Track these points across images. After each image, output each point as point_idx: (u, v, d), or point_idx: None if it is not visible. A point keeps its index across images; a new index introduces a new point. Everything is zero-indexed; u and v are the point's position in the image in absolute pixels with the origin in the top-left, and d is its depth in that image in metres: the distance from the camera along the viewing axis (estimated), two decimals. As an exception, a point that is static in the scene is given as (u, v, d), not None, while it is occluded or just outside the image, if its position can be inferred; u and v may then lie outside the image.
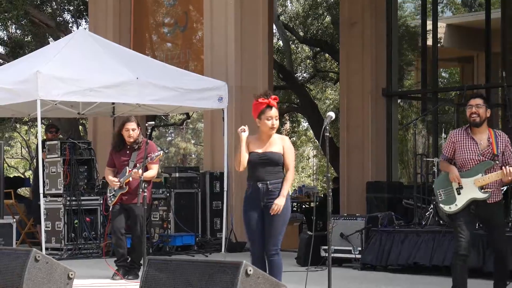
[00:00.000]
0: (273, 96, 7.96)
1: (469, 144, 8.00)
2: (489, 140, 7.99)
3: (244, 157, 7.89)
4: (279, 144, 7.90)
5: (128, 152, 10.18)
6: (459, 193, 7.95)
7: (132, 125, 10.13)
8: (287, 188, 7.87)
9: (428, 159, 13.14)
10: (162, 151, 10.11)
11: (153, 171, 10.03)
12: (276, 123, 7.90)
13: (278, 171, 7.85)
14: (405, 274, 10.73)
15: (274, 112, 7.88)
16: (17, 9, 18.49)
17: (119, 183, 10.08)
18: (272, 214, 7.77)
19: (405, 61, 18.94)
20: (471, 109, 8.00)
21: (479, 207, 7.95)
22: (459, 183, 7.92)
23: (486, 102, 8.03)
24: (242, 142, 7.88)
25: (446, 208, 8.00)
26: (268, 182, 7.83)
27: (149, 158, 9.81)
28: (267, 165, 7.84)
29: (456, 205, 7.92)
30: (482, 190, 7.89)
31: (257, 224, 7.88)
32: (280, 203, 7.77)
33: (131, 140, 10.14)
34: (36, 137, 26.54)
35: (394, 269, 10.98)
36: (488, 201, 7.92)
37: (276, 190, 7.81)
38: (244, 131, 7.87)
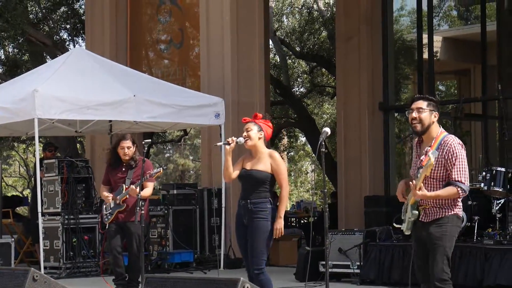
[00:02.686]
0: (257, 114, 8.07)
1: (414, 156, 6.88)
2: (427, 151, 6.61)
3: (227, 168, 7.91)
4: (267, 162, 7.84)
5: (124, 169, 10.17)
6: (406, 211, 6.87)
7: (127, 143, 10.11)
8: (283, 209, 7.81)
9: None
10: (161, 168, 10.08)
11: (149, 189, 9.99)
12: (248, 133, 7.89)
13: (262, 190, 7.79)
14: (405, 287, 10.71)
15: (246, 126, 7.96)
16: (14, 28, 18.54)
17: (112, 198, 10.04)
18: (276, 238, 7.75)
19: (402, 74, 18.98)
20: (412, 113, 6.71)
21: (417, 227, 6.75)
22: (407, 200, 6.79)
23: (433, 105, 6.72)
24: (226, 155, 7.90)
25: (402, 227, 6.91)
26: (249, 200, 7.80)
27: (148, 175, 9.80)
28: (250, 183, 7.83)
29: (404, 225, 6.86)
30: (414, 209, 6.70)
31: (243, 241, 7.88)
32: (279, 226, 7.73)
33: (127, 158, 10.11)
34: (34, 155, 26.54)
35: (394, 282, 10.96)
36: (423, 220, 6.69)
37: (256, 210, 7.75)
38: (229, 144, 7.88)
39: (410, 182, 6.63)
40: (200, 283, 5.99)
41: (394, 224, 7.03)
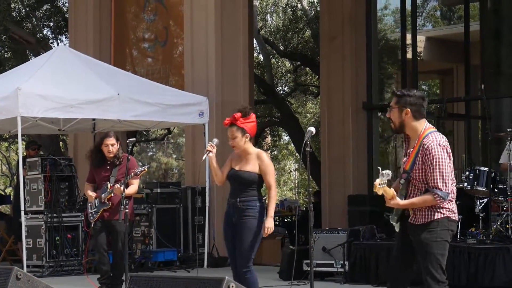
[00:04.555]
0: (236, 114, 7.93)
1: (403, 152, 6.57)
2: (409, 152, 6.40)
3: (217, 174, 7.96)
4: (255, 163, 7.85)
5: (108, 167, 10.13)
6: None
7: (111, 140, 10.08)
8: (273, 208, 7.80)
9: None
10: (146, 166, 10.04)
11: (134, 187, 9.97)
12: (233, 141, 7.85)
13: (250, 189, 7.81)
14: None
15: (230, 131, 7.89)
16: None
17: (96, 197, 10.00)
18: (264, 236, 7.77)
19: (385, 74, 19.02)
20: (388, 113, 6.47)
21: (407, 227, 6.44)
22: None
23: (404, 101, 6.38)
24: (211, 162, 7.93)
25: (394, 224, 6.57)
26: (238, 199, 7.82)
27: (133, 173, 9.77)
28: (239, 183, 7.86)
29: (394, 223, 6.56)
30: (396, 214, 6.44)
31: (231, 240, 7.90)
32: (269, 225, 7.74)
33: (111, 155, 10.08)
34: (16, 153, 26.42)
35: (377, 281, 10.97)
36: (412, 222, 6.37)
37: (245, 208, 7.77)
38: (210, 151, 7.89)
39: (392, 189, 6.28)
40: (185, 282, 5.98)
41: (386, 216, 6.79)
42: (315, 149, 23.18)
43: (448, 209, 6.38)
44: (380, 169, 6.31)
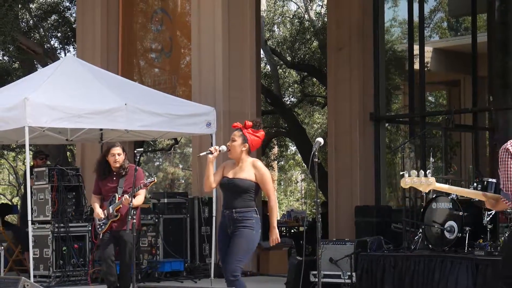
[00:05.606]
0: (247, 122, 7.95)
1: None
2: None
3: (209, 177, 7.91)
4: (250, 171, 7.81)
5: (115, 178, 10.13)
6: None
7: (117, 150, 10.08)
8: (275, 218, 7.79)
9: (416, 183, 13.11)
10: (155, 177, 10.04)
11: (140, 197, 9.96)
12: (231, 144, 7.86)
13: (247, 199, 7.77)
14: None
15: (233, 134, 7.91)
16: (4, 35, 18.50)
17: (103, 215, 10.00)
18: (272, 245, 7.78)
19: (393, 85, 19.01)
20: None
21: None
22: None
23: None
24: (208, 164, 7.90)
25: None
26: (234, 210, 7.76)
27: (142, 184, 9.77)
28: (234, 192, 7.80)
29: None
30: None
31: (225, 251, 7.82)
32: (275, 235, 7.76)
33: (117, 165, 10.08)
34: (23, 163, 26.47)
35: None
36: None
37: (242, 218, 7.72)
38: (212, 153, 7.88)
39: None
40: (192, 292, 5.98)
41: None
42: (322, 159, 23.17)
43: None
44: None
